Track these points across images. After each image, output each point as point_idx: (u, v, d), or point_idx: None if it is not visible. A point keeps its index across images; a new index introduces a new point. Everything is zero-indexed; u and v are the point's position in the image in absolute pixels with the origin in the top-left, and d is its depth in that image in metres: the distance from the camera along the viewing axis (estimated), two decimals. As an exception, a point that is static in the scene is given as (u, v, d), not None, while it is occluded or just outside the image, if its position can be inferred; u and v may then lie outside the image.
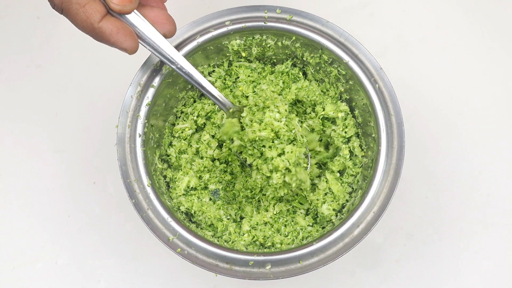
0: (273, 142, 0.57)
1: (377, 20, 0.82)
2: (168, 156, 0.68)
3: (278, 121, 0.57)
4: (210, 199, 0.67)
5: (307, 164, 0.63)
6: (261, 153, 0.58)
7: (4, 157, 0.77)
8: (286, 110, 0.58)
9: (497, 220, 0.75)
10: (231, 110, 0.60)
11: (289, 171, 0.57)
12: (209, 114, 0.70)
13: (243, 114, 0.59)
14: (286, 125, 0.58)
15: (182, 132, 0.69)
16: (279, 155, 0.57)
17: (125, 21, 0.50)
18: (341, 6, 0.82)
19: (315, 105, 0.69)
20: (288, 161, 0.57)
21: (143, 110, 0.61)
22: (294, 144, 0.58)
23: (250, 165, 0.60)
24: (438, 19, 0.82)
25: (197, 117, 0.69)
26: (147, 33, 0.52)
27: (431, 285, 0.74)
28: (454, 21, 0.82)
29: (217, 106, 0.69)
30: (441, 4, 0.83)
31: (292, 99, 0.68)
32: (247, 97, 0.69)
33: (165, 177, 0.67)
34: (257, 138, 0.57)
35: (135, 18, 0.51)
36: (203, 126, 0.70)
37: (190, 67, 0.56)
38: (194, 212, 0.65)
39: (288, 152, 0.57)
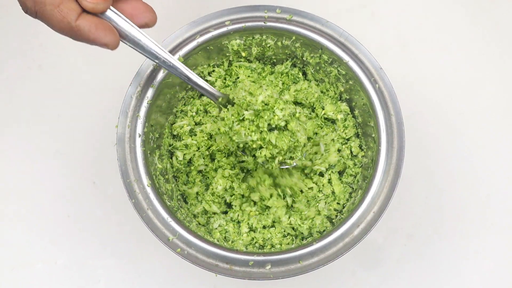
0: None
1: (377, 20, 0.82)
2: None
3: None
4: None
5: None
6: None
7: (4, 157, 0.77)
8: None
9: (497, 220, 0.75)
10: (220, 99, 0.59)
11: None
12: (206, 107, 0.69)
13: (228, 113, 0.57)
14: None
15: (181, 129, 0.69)
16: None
17: (102, 17, 0.48)
18: (341, 6, 0.82)
19: (314, 106, 0.69)
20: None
21: (143, 110, 0.61)
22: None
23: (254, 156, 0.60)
24: (438, 19, 0.82)
25: (195, 113, 0.69)
26: (126, 28, 0.49)
27: (431, 285, 0.74)
28: (454, 21, 0.82)
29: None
30: (441, 4, 0.83)
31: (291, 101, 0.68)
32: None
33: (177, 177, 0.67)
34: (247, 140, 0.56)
35: (112, 14, 0.48)
36: (201, 123, 0.70)
37: (174, 60, 0.54)
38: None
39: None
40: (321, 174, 0.68)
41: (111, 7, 0.49)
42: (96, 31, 0.46)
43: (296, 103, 0.70)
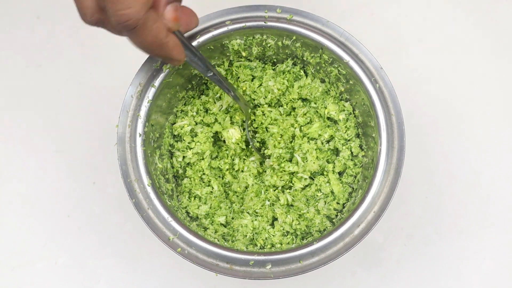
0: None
1: (377, 20, 0.82)
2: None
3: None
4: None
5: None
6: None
7: (4, 157, 0.77)
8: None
9: (497, 220, 0.75)
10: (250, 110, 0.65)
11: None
12: (206, 105, 0.69)
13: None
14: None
15: (181, 129, 0.68)
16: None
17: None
18: (341, 6, 0.82)
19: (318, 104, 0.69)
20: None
21: (144, 109, 0.61)
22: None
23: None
24: (438, 19, 0.82)
25: (196, 113, 0.69)
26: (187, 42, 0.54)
27: (431, 285, 0.74)
28: (454, 21, 0.82)
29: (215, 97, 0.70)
30: (441, 4, 0.83)
31: (295, 98, 0.68)
32: (252, 93, 0.69)
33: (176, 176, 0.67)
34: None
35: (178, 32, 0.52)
36: (202, 123, 0.70)
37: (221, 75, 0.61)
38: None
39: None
40: (320, 173, 0.68)
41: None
42: (176, 48, 0.51)
43: (301, 99, 0.70)
